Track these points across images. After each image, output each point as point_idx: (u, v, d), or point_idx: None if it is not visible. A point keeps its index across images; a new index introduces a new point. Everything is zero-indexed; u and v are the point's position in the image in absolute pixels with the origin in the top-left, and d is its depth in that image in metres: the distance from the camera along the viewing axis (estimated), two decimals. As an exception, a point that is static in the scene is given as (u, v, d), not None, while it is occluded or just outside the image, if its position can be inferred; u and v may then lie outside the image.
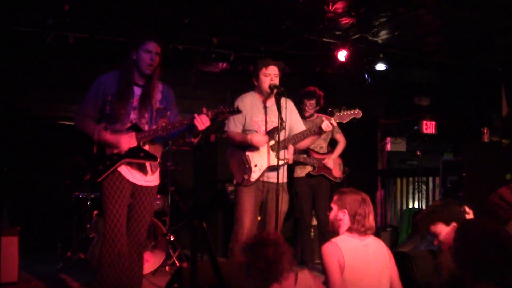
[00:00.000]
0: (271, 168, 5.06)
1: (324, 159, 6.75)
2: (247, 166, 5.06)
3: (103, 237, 4.31)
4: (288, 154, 5.23)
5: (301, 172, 6.77)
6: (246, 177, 5.04)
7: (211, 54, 7.91)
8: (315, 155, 6.76)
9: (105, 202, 4.31)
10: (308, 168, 6.74)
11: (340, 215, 3.84)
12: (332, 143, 6.97)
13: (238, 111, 4.42)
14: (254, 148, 5.08)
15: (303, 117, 6.47)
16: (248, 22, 7.14)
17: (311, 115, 6.72)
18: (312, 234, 7.06)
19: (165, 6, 6.62)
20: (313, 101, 6.69)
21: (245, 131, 5.19)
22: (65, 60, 7.83)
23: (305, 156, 6.70)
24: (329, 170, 6.76)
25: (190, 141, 4.45)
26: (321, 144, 6.84)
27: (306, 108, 6.68)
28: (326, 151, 6.88)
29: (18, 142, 7.63)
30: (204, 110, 4.26)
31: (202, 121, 4.23)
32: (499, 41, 7.75)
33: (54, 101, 7.96)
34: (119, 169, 4.32)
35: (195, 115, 4.24)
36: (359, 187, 6.66)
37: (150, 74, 4.39)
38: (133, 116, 4.35)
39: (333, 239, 3.77)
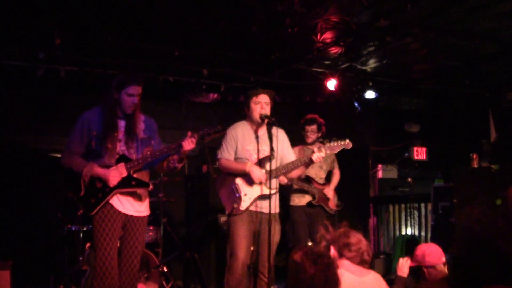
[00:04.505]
0: (262, 198, 5.07)
1: (324, 189, 6.79)
2: (237, 195, 5.06)
3: (94, 270, 4.31)
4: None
5: (299, 201, 6.75)
6: (235, 206, 5.04)
7: (202, 85, 7.97)
8: (316, 185, 6.77)
9: (96, 235, 4.32)
10: (308, 197, 6.74)
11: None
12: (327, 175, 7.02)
13: (222, 130, 4.51)
14: (245, 176, 5.09)
15: (306, 143, 6.74)
16: (238, 53, 7.20)
17: (314, 142, 6.75)
18: None
19: (156, 39, 6.69)
20: (313, 127, 6.75)
21: (236, 159, 5.21)
22: (56, 93, 7.86)
23: (307, 185, 6.72)
24: (327, 201, 6.78)
25: (174, 166, 4.52)
26: (321, 175, 6.88)
27: (308, 134, 6.75)
28: (325, 182, 6.91)
29: (9, 175, 7.61)
30: (189, 133, 4.39)
31: (189, 142, 4.35)
32: (485, 67, 7.85)
33: (46, 134, 7.96)
34: (110, 201, 4.34)
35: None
36: (352, 214, 6.71)
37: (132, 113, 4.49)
38: (119, 148, 4.42)
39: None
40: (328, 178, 6.96)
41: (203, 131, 4.41)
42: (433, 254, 4.42)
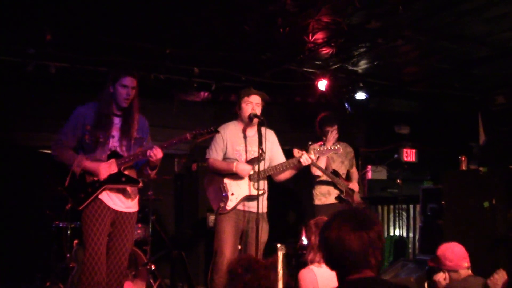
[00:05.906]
0: (250, 198, 5.08)
1: (348, 184, 6.67)
2: (224, 194, 5.07)
3: (83, 265, 4.30)
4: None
5: (326, 199, 6.59)
6: (222, 204, 5.05)
7: (193, 84, 7.94)
8: (342, 180, 6.65)
9: (86, 230, 4.32)
10: (333, 193, 6.59)
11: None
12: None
13: (215, 131, 4.58)
14: (233, 176, 5.10)
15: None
16: (229, 52, 7.20)
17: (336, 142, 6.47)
18: None
19: (147, 37, 6.67)
20: (335, 126, 6.59)
21: (226, 159, 5.22)
22: (46, 90, 7.81)
23: (337, 178, 6.53)
24: (353, 196, 6.64)
25: (148, 174, 4.56)
26: (342, 170, 6.75)
27: (331, 137, 6.47)
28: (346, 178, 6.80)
29: (-3, 171, 7.58)
30: (154, 146, 4.39)
31: (155, 153, 4.34)
32: (476, 71, 7.88)
33: (35, 131, 7.89)
34: (100, 196, 4.34)
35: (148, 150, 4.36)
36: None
37: (127, 106, 4.46)
38: (112, 144, 4.43)
39: (311, 266, 3.76)
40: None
41: (196, 132, 4.43)
42: (456, 256, 4.20)
